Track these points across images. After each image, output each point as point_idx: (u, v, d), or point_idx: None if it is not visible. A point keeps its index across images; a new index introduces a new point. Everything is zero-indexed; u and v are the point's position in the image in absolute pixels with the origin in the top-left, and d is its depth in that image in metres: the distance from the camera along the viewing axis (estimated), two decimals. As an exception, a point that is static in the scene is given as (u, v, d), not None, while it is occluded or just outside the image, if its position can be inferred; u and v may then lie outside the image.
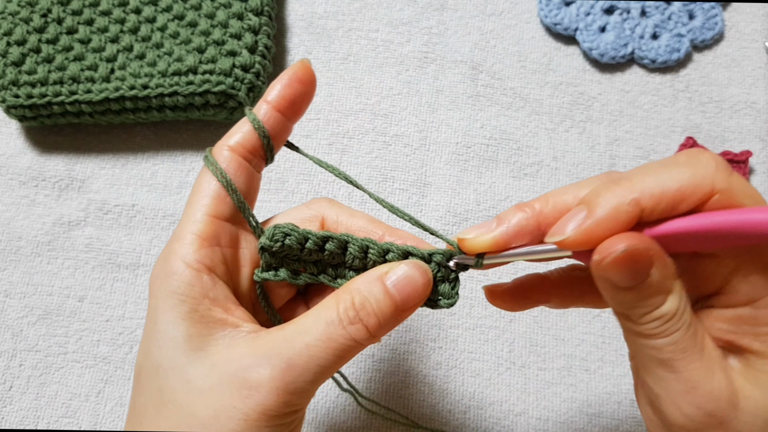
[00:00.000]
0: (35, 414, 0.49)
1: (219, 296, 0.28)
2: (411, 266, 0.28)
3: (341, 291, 0.27)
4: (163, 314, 0.27)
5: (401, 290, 0.27)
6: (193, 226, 0.28)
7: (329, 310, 0.27)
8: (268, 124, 0.30)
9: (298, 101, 0.31)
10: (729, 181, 0.23)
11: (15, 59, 0.53)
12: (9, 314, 0.51)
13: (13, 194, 0.55)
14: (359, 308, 0.26)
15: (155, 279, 0.28)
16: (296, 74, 0.30)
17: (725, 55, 0.61)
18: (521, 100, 0.59)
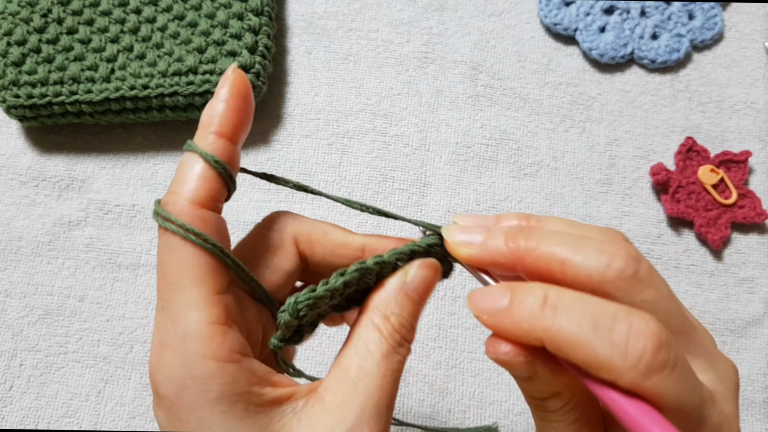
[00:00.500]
0: (36, 414, 0.49)
1: (263, 374, 0.25)
2: (424, 268, 0.27)
3: (375, 316, 0.26)
4: (214, 428, 0.23)
5: (421, 292, 0.27)
6: (204, 314, 0.24)
7: (377, 342, 0.26)
8: (223, 157, 0.25)
9: (245, 122, 0.27)
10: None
11: (15, 59, 0.53)
12: (9, 314, 0.52)
13: (14, 194, 0.55)
14: (399, 328, 0.26)
15: (183, 393, 0.23)
16: (237, 91, 0.26)
17: (725, 55, 0.61)
18: (521, 100, 0.59)
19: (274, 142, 0.57)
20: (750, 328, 0.53)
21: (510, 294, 0.23)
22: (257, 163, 0.56)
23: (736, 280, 0.54)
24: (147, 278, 0.53)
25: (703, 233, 0.54)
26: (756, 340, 0.53)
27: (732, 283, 0.54)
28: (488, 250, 0.25)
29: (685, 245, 0.55)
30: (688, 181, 0.56)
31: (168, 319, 0.24)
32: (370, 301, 0.27)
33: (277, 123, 0.57)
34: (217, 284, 0.25)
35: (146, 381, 0.50)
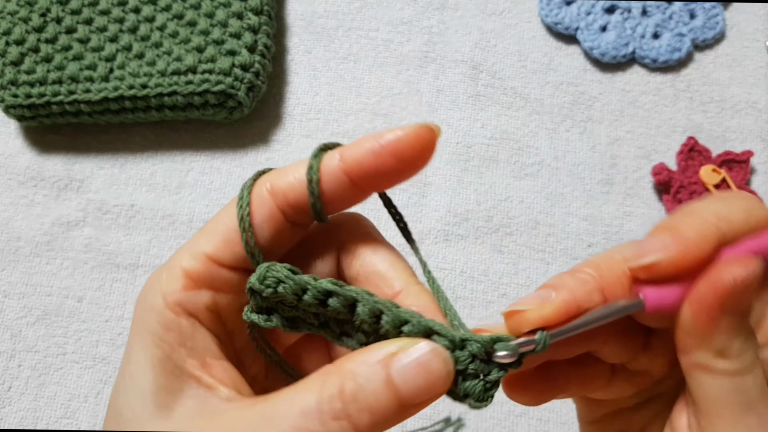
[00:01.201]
0: (34, 415, 0.49)
1: (197, 347, 0.23)
2: (429, 352, 0.20)
3: (331, 370, 0.21)
4: (135, 354, 0.23)
5: (409, 382, 0.20)
6: (186, 261, 0.24)
7: (309, 393, 0.20)
8: (329, 185, 0.23)
9: (379, 176, 0.23)
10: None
11: (14, 59, 0.53)
12: (8, 315, 0.51)
13: (12, 194, 0.54)
14: (349, 399, 0.20)
15: (138, 303, 0.24)
16: (396, 145, 0.22)
17: (726, 55, 0.61)
18: (522, 100, 0.58)
19: (274, 141, 0.57)
20: (752, 328, 0.53)
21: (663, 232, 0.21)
22: (257, 163, 0.56)
23: (737, 281, 0.54)
24: (146, 278, 0.52)
25: (704, 233, 0.54)
26: (758, 341, 0.53)
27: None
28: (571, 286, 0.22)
29: (687, 245, 0.55)
30: (690, 181, 0.55)
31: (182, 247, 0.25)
32: (344, 357, 0.22)
33: (277, 123, 0.57)
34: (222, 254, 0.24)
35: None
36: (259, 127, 0.57)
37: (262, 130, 0.57)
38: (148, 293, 0.24)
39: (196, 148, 0.56)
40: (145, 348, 0.23)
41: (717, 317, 0.21)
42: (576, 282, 0.22)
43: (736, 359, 0.21)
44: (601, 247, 0.55)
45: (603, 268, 0.22)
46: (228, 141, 0.56)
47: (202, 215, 0.54)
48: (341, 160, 0.23)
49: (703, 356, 0.21)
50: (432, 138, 0.23)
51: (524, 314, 0.21)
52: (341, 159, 0.23)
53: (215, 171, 0.55)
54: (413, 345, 0.21)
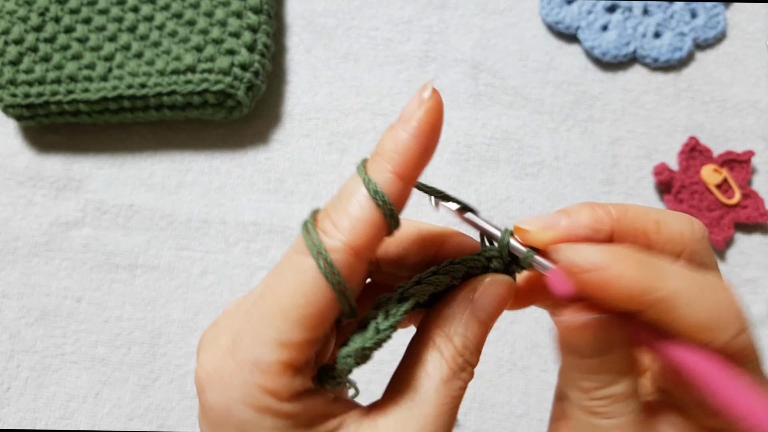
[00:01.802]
0: (33, 415, 0.49)
1: (319, 408, 0.23)
2: (497, 286, 0.24)
3: (437, 336, 0.24)
4: None
5: (491, 313, 0.24)
6: (284, 354, 0.22)
7: (437, 365, 0.23)
8: (396, 202, 0.22)
9: (427, 161, 0.23)
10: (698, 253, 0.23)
11: (12, 58, 0.52)
12: (6, 315, 0.51)
13: (11, 194, 0.54)
14: (462, 351, 0.24)
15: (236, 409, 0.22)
16: (429, 124, 0.22)
17: (728, 54, 0.61)
18: (523, 100, 0.58)
19: (274, 141, 0.56)
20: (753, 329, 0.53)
21: (611, 252, 0.22)
22: (256, 163, 0.56)
23: (739, 281, 0.54)
24: (144, 279, 0.52)
25: (706, 234, 0.54)
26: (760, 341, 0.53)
27: (735, 283, 0.54)
28: (580, 222, 0.23)
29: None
30: (691, 181, 0.55)
31: (250, 331, 0.22)
32: (432, 317, 0.24)
33: (277, 122, 0.57)
34: (318, 333, 0.22)
35: (144, 383, 0.50)
36: (258, 126, 0.57)
37: (262, 130, 0.57)
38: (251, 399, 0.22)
39: (195, 147, 0.56)
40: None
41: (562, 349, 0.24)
42: (589, 218, 0.23)
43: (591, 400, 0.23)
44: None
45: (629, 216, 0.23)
46: (227, 140, 0.56)
47: (201, 215, 0.54)
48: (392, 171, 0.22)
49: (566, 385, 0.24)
50: (439, 100, 0.23)
51: (527, 234, 0.24)
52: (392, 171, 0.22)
53: (214, 171, 0.55)
54: (482, 284, 0.24)
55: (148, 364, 0.50)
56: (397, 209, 0.23)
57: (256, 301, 0.22)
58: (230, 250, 0.53)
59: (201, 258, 0.53)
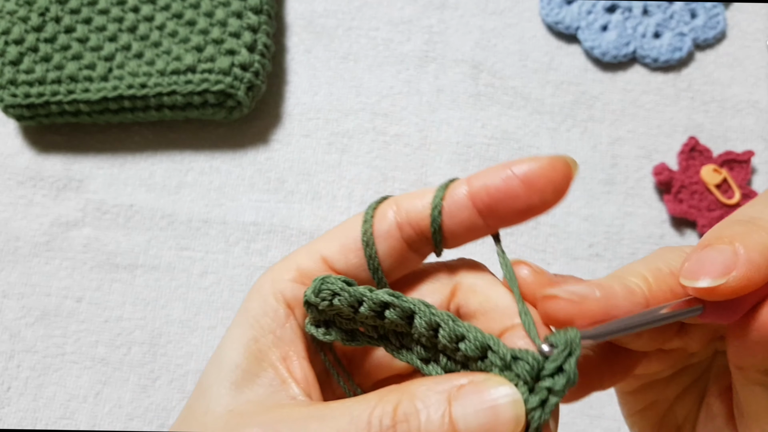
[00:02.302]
0: (33, 415, 0.49)
1: (285, 337, 0.24)
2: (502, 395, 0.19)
3: (394, 389, 0.20)
4: (232, 330, 0.24)
5: (470, 423, 0.19)
6: (302, 259, 0.24)
7: (364, 404, 0.20)
8: (452, 214, 0.23)
9: (506, 205, 0.22)
10: None
11: (13, 58, 0.53)
12: (7, 315, 0.51)
13: (11, 194, 0.54)
14: (401, 419, 0.19)
15: (249, 291, 0.25)
16: (528, 174, 0.21)
17: (727, 54, 0.61)
18: (522, 100, 0.58)
19: (274, 141, 0.56)
20: None
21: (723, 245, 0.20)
22: (257, 162, 0.56)
23: (739, 281, 0.54)
24: (145, 279, 0.52)
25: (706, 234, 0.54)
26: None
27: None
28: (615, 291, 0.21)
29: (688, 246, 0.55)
30: (691, 181, 0.55)
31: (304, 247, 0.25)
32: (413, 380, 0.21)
33: (277, 122, 0.57)
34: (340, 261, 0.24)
35: (144, 383, 0.50)
36: (258, 126, 0.57)
37: (262, 130, 0.57)
38: (261, 279, 0.25)
39: (195, 147, 0.56)
40: (240, 326, 0.24)
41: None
42: (623, 291, 0.21)
43: None
44: (601, 247, 0.54)
45: (652, 282, 0.21)
46: (227, 140, 0.56)
47: (201, 215, 0.54)
48: (468, 185, 0.23)
49: (760, 375, 0.21)
50: (568, 173, 0.22)
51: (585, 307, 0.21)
52: (468, 184, 0.23)
53: (214, 171, 0.55)
54: (486, 383, 0.19)
55: (149, 364, 0.50)
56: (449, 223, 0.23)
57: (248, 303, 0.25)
58: (230, 250, 0.53)
59: (201, 258, 0.53)
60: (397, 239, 0.24)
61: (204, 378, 0.24)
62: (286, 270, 0.24)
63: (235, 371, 0.23)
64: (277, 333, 0.23)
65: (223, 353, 0.23)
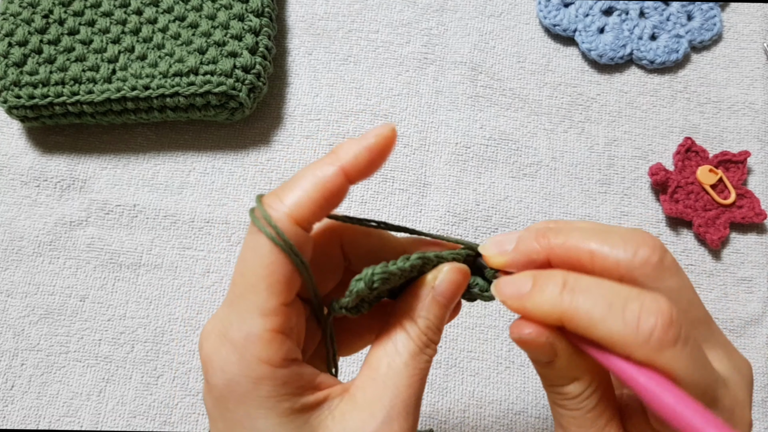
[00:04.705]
0: (37, 413, 0.50)
1: (310, 378, 0.26)
2: (452, 272, 0.28)
3: (402, 317, 0.28)
4: (259, 422, 0.24)
5: (448, 296, 0.28)
6: (267, 322, 0.24)
7: (404, 341, 0.27)
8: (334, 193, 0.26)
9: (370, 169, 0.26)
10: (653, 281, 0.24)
11: (17, 60, 0.53)
12: (11, 314, 0.52)
13: (15, 194, 0.55)
14: (425, 330, 0.27)
15: (237, 382, 0.24)
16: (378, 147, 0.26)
17: (724, 56, 0.61)
18: (520, 101, 0.59)
19: (275, 142, 0.57)
20: (748, 327, 0.53)
21: (532, 279, 0.25)
22: (258, 163, 0.56)
23: (734, 280, 0.55)
24: (148, 278, 0.53)
25: (701, 233, 0.54)
26: (754, 340, 0.53)
27: (730, 282, 0.55)
28: (520, 252, 0.27)
29: (684, 245, 0.55)
30: (687, 182, 0.56)
31: (234, 314, 0.25)
32: (399, 304, 0.28)
33: (278, 123, 0.58)
34: (289, 296, 0.25)
35: (147, 380, 0.50)
36: (260, 127, 0.57)
37: (264, 131, 0.57)
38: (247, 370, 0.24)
39: (197, 148, 0.57)
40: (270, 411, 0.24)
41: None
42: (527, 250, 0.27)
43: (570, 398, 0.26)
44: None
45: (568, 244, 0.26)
46: (229, 141, 0.57)
47: (204, 215, 0.54)
48: (340, 166, 0.26)
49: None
50: (394, 136, 0.26)
51: (486, 258, 0.28)
52: (340, 166, 0.26)
53: (217, 171, 0.56)
54: (440, 271, 0.28)
55: (152, 362, 0.51)
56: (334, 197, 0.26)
57: (231, 289, 0.25)
58: (232, 249, 0.54)
59: (204, 257, 0.53)
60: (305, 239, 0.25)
61: None
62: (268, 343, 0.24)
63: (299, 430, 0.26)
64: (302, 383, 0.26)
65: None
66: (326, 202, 0.25)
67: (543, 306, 0.24)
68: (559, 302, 0.24)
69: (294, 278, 0.25)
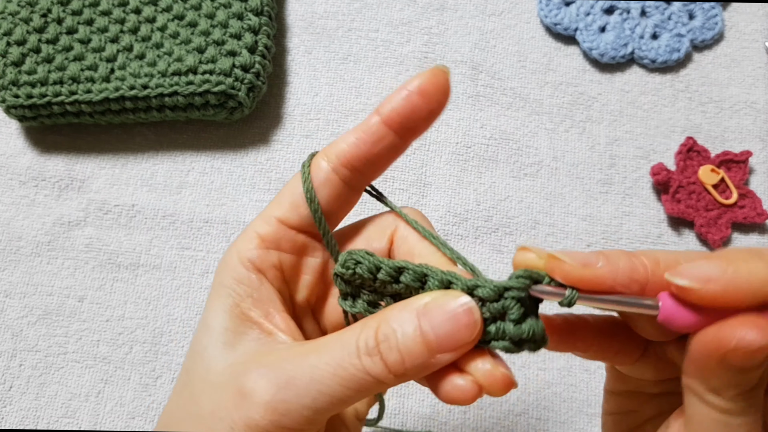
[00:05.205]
0: (35, 414, 0.49)
1: (262, 298, 0.27)
2: (452, 300, 0.23)
3: (373, 317, 0.24)
4: (210, 303, 0.27)
5: (438, 329, 0.23)
6: (259, 226, 0.28)
7: (349, 333, 0.24)
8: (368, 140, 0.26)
9: (414, 119, 0.26)
10: None
11: (15, 59, 0.53)
12: (9, 314, 0.51)
13: (13, 194, 0.55)
14: (381, 339, 0.23)
15: (218, 267, 0.28)
16: (421, 88, 0.25)
17: (725, 55, 0.61)
18: (521, 100, 0.59)
19: (274, 142, 0.57)
20: None
21: (719, 260, 0.21)
22: (257, 163, 0.56)
23: (736, 281, 0.54)
24: (146, 278, 0.52)
25: (703, 233, 0.54)
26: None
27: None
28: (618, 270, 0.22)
29: (686, 245, 0.55)
30: (689, 181, 0.55)
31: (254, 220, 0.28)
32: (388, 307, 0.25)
33: (277, 123, 0.57)
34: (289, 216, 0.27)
35: (146, 381, 0.50)
36: (259, 127, 0.57)
37: (263, 131, 0.57)
38: (227, 254, 0.28)
39: (196, 148, 0.56)
40: (219, 297, 0.27)
41: (715, 367, 0.21)
42: (627, 266, 0.22)
43: (729, 401, 0.22)
44: (599, 247, 0.55)
45: (661, 267, 0.23)
46: (228, 141, 0.57)
47: (202, 215, 0.54)
48: (378, 113, 0.26)
49: (699, 386, 0.22)
50: (446, 77, 0.26)
51: (563, 264, 0.23)
52: (378, 113, 0.26)
53: (216, 171, 0.56)
54: (444, 297, 0.23)
55: (150, 363, 0.51)
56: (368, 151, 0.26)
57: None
58: (231, 249, 0.53)
59: (203, 257, 0.53)
60: (336, 182, 0.27)
61: (195, 345, 0.27)
62: (248, 240, 0.27)
63: (224, 333, 0.26)
64: (255, 296, 0.27)
65: (209, 321, 0.27)
66: (365, 150, 0.26)
67: (752, 281, 0.20)
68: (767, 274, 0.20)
69: (299, 203, 0.27)
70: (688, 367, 0.23)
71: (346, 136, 0.27)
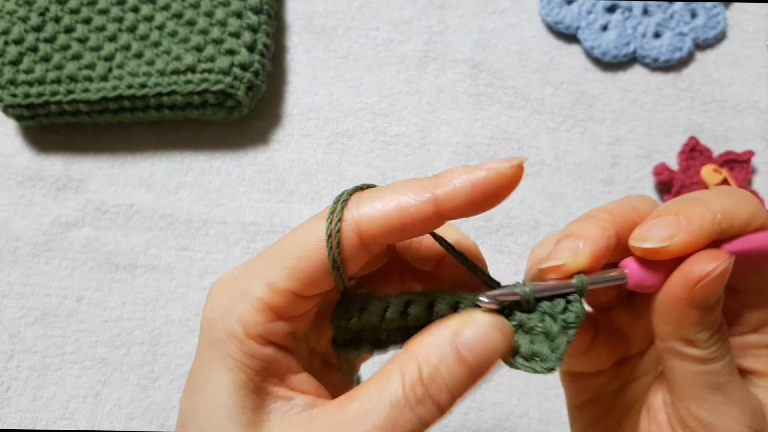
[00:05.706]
0: (33, 415, 0.49)
1: (278, 368, 0.24)
2: (486, 326, 0.22)
3: (406, 358, 0.22)
4: (216, 373, 0.23)
5: (476, 352, 0.22)
6: (266, 292, 0.23)
7: (393, 385, 0.22)
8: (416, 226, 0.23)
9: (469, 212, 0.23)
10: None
11: (12, 58, 0.53)
12: (6, 315, 0.51)
13: (11, 194, 0.54)
14: (428, 382, 0.21)
15: (212, 325, 0.24)
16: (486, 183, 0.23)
17: (728, 54, 0.61)
18: (522, 100, 0.58)
19: (274, 141, 0.56)
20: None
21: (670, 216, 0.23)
22: (256, 162, 0.56)
23: (739, 281, 0.54)
24: (145, 279, 0.52)
25: (706, 234, 0.54)
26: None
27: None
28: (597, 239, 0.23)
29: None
30: (691, 181, 0.55)
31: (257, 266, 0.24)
32: (412, 341, 0.23)
33: (276, 122, 0.57)
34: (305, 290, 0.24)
35: (144, 383, 0.50)
36: (258, 126, 0.57)
37: (262, 130, 0.57)
38: (226, 320, 0.24)
39: (195, 147, 0.56)
40: (228, 371, 0.23)
41: (685, 310, 0.23)
42: (596, 229, 0.23)
43: (704, 348, 0.23)
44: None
45: (616, 215, 0.24)
46: (227, 141, 0.56)
47: (201, 215, 0.54)
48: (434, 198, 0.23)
49: (675, 343, 0.23)
50: (520, 172, 0.23)
51: (563, 268, 0.23)
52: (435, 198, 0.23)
53: (214, 171, 0.55)
54: (472, 318, 0.22)
55: (148, 364, 0.50)
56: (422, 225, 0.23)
57: (270, 247, 0.25)
58: (230, 250, 0.53)
59: (201, 258, 0.53)
60: (365, 255, 0.24)
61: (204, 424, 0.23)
62: (254, 311, 0.23)
63: (243, 414, 0.23)
64: (271, 368, 0.24)
65: (219, 400, 0.23)
66: (403, 230, 0.23)
67: (703, 225, 0.22)
68: (712, 215, 0.22)
69: (320, 282, 0.24)
70: (660, 327, 0.24)
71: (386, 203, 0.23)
